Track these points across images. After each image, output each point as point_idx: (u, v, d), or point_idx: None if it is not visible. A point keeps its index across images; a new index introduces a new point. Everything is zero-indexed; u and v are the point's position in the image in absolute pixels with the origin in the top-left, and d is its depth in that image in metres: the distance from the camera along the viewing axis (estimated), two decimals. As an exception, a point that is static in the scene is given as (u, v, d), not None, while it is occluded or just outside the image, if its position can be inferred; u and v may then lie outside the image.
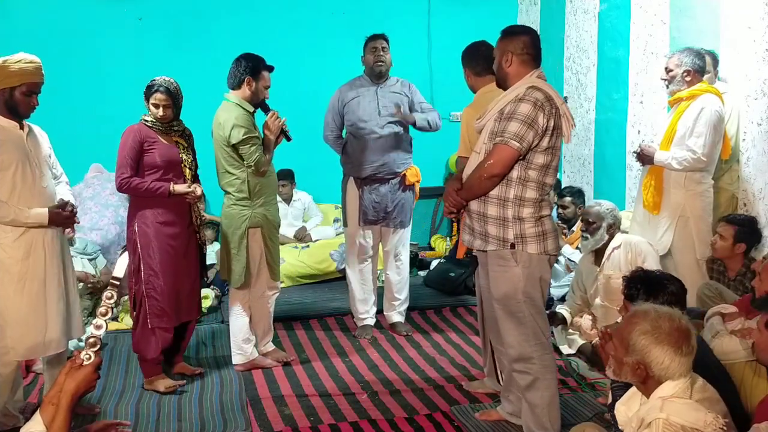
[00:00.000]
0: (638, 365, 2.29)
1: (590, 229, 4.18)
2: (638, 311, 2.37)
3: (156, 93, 3.78)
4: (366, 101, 4.60)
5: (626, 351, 2.32)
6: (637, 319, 2.33)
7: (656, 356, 2.25)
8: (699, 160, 4.05)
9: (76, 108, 6.11)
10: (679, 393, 2.25)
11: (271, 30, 6.43)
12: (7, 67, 3.19)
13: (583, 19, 6.11)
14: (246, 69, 3.97)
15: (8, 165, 3.21)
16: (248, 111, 3.99)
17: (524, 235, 3.03)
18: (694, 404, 2.21)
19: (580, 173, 6.29)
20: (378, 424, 3.55)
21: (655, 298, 2.91)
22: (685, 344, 2.26)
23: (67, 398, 2.06)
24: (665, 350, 2.25)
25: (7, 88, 3.21)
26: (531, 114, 2.93)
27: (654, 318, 2.30)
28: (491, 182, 3.02)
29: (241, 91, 3.99)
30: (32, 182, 3.28)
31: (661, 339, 2.25)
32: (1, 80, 3.19)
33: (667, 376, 2.26)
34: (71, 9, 6.07)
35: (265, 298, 4.24)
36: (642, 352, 2.27)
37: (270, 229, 4.13)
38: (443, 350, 4.55)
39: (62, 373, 2.11)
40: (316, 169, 6.37)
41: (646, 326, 2.29)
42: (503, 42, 3.11)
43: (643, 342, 2.27)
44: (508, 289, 3.09)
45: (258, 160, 3.92)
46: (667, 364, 2.25)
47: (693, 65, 4.12)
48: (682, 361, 2.25)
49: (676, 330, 2.27)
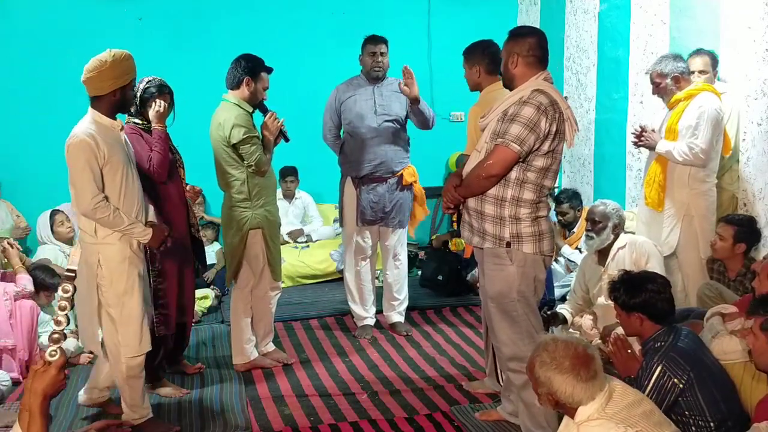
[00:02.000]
0: (548, 396, 2.35)
1: (596, 228, 4.19)
2: (540, 343, 2.42)
3: (166, 95, 3.76)
4: (363, 100, 4.59)
5: (536, 383, 2.38)
6: (538, 351, 2.38)
7: (558, 386, 2.30)
8: (697, 156, 4.06)
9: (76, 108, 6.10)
10: (594, 414, 2.29)
11: (271, 30, 6.43)
12: (118, 65, 3.16)
13: (583, 19, 6.11)
14: (245, 69, 3.96)
15: (117, 168, 3.18)
16: (247, 111, 3.99)
17: (520, 235, 3.05)
18: (606, 422, 2.26)
19: (580, 173, 6.29)
20: (378, 424, 3.55)
21: (634, 297, 2.93)
22: (584, 370, 2.29)
23: (37, 402, 2.03)
24: (565, 379, 2.29)
25: (118, 88, 3.19)
26: (533, 118, 2.94)
27: (552, 349, 2.34)
28: (489, 182, 3.04)
29: (240, 91, 3.98)
30: (133, 185, 3.27)
31: (561, 369, 2.30)
32: (116, 79, 3.17)
33: (576, 402, 2.31)
34: (71, 9, 6.07)
35: (267, 298, 4.24)
36: (546, 384, 2.33)
37: (271, 230, 4.12)
38: (443, 350, 4.55)
39: (29, 377, 2.08)
40: (316, 169, 6.38)
41: (545, 358, 2.34)
42: (510, 43, 3.13)
43: (544, 374, 2.33)
44: (502, 287, 3.11)
45: (259, 160, 3.91)
46: (570, 392, 2.29)
47: (677, 70, 4.14)
48: (585, 387, 2.29)
49: (572, 358, 2.30)
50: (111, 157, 3.14)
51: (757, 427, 2.47)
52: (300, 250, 6.14)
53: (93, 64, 3.16)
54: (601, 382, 2.32)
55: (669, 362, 2.78)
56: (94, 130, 3.14)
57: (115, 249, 3.21)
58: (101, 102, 3.21)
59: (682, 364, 2.77)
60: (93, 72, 3.15)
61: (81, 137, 3.10)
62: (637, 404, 2.33)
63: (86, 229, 3.21)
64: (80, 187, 3.11)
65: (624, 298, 2.97)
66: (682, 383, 2.75)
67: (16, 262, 4.39)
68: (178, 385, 3.97)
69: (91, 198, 3.10)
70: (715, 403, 2.76)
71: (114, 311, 3.24)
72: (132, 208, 3.24)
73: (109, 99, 3.20)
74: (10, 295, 4.12)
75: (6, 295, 4.11)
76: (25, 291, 4.21)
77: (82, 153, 3.09)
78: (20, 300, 4.17)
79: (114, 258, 3.21)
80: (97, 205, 3.10)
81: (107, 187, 3.16)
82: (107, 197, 3.15)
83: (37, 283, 4.33)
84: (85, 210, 3.13)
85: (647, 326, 2.93)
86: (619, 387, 2.37)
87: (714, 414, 2.75)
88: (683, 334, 2.91)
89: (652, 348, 2.89)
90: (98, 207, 3.11)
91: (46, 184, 5.99)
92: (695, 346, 2.89)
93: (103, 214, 3.12)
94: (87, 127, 3.15)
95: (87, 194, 3.10)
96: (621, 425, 2.23)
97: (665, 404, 2.75)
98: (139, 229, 3.24)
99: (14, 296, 4.14)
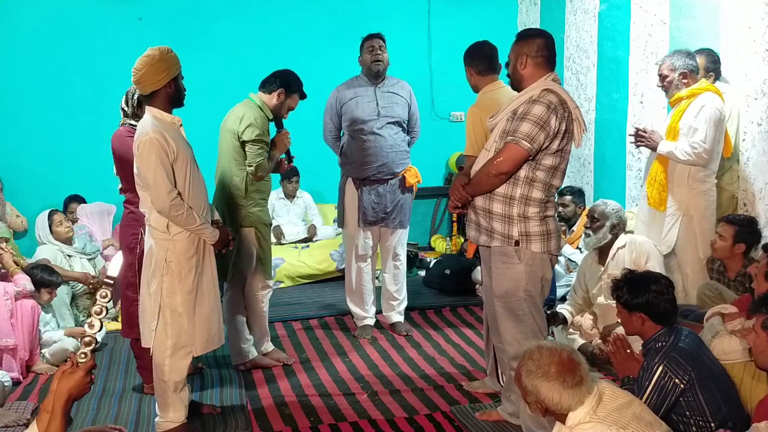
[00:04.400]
0: (537, 403, 2.36)
1: (593, 226, 4.20)
2: (525, 352, 2.43)
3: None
4: (365, 101, 4.59)
5: (524, 392, 2.39)
6: (524, 360, 2.39)
7: (545, 394, 2.31)
8: (700, 156, 4.06)
9: (76, 108, 6.12)
10: (585, 418, 2.29)
11: (271, 30, 6.44)
12: (167, 57, 3.16)
13: (583, 19, 6.11)
14: (285, 82, 4.02)
15: (184, 164, 3.19)
16: (267, 116, 4.01)
17: (529, 233, 3.06)
18: (598, 425, 2.26)
19: (580, 173, 6.30)
20: (378, 424, 3.55)
21: (637, 296, 2.93)
22: (570, 376, 2.30)
23: (61, 402, 2.03)
24: (552, 386, 2.30)
25: (171, 80, 3.19)
26: (543, 116, 2.96)
27: (537, 357, 2.35)
28: (498, 179, 3.05)
29: (269, 97, 4.02)
30: (199, 180, 3.29)
31: (547, 376, 2.31)
32: (169, 70, 3.17)
33: (564, 408, 2.31)
34: (71, 9, 6.07)
35: (259, 297, 4.24)
36: (534, 392, 2.34)
37: (263, 229, 4.13)
38: (443, 350, 4.55)
39: (55, 377, 2.09)
40: (316, 169, 6.38)
41: (530, 366, 2.35)
42: (518, 45, 3.14)
43: (531, 382, 2.34)
44: (510, 285, 3.11)
45: (261, 164, 3.91)
46: (558, 399, 2.30)
47: (687, 66, 4.14)
48: (572, 393, 2.29)
49: (557, 365, 2.31)
50: (179, 153, 3.16)
51: (757, 427, 2.48)
52: (300, 250, 6.14)
53: (143, 60, 3.16)
54: (588, 386, 2.32)
55: (670, 363, 2.78)
56: (159, 126, 3.14)
57: (185, 245, 3.23)
58: (157, 98, 3.21)
59: (684, 364, 2.77)
60: (145, 67, 3.14)
61: (150, 135, 3.10)
62: (627, 406, 2.34)
63: (158, 226, 3.21)
64: (155, 185, 3.11)
65: (627, 298, 2.97)
66: (684, 383, 2.75)
67: (10, 264, 4.39)
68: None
69: (167, 194, 3.11)
70: (716, 404, 2.76)
71: (182, 308, 3.25)
72: (199, 203, 3.26)
73: (165, 92, 3.20)
74: (10, 295, 4.12)
75: (6, 294, 4.11)
76: (26, 290, 4.21)
77: (154, 150, 3.09)
78: (21, 300, 4.17)
79: (184, 254, 3.22)
80: (173, 202, 3.12)
81: (177, 184, 3.17)
82: (180, 194, 3.16)
83: (36, 282, 4.33)
84: (161, 207, 3.13)
85: (648, 326, 2.93)
86: (608, 389, 2.38)
87: (715, 414, 2.75)
88: (684, 334, 2.91)
89: (653, 348, 2.89)
90: (173, 204, 3.12)
91: (47, 184, 6.00)
92: (696, 346, 2.89)
93: (177, 211, 3.13)
94: (153, 124, 3.14)
95: (162, 192, 3.11)
96: (613, 427, 2.24)
97: (666, 405, 2.76)
98: (209, 230, 3.27)
99: (15, 296, 4.14)
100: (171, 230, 3.20)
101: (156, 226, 3.22)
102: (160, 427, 3.38)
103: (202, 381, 4.08)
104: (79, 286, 4.90)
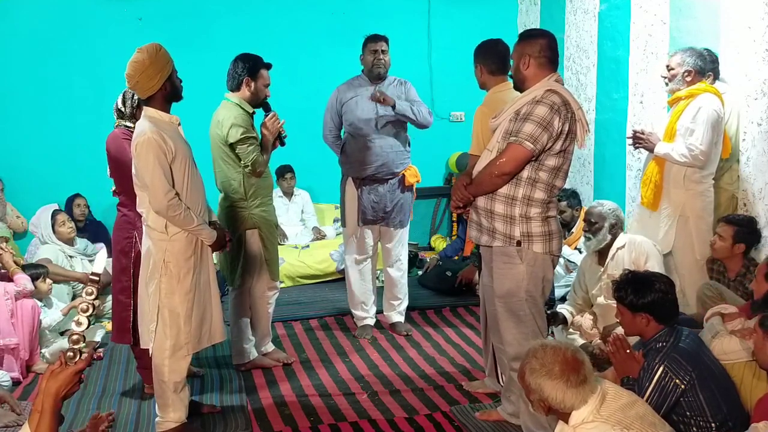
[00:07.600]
0: (540, 402, 2.35)
1: (592, 229, 4.19)
2: (529, 350, 2.43)
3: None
4: (364, 101, 4.59)
5: (527, 390, 2.39)
6: (528, 358, 2.39)
7: (549, 392, 2.31)
8: (697, 158, 4.06)
9: (76, 108, 6.11)
10: (589, 417, 2.29)
11: (271, 30, 6.43)
12: (157, 59, 3.12)
13: (583, 19, 6.11)
14: (244, 70, 3.95)
15: (182, 163, 3.19)
16: (247, 112, 3.98)
17: (531, 234, 3.07)
18: (602, 424, 2.26)
19: (580, 173, 6.29)
20: (378, 424, 3.55)
21: (643, 297, 2.91)
22: (574, 375, 2.30)
23: (50, 402, 2.02)
24: (555, 385, 2.30)
25: (166, 80, 3.17)
26: (547, 117, 2.96)
27: (541, 356, 2.35)
28: (501, 180, 3.06)
29: (241, 92, 3.98)
30: (197, 180, 3.29)
31: (551, 375, 2.31)
32: (161, 72, 3.14)
33: (568, 407, 2.31)
34: (71, 9, 6.07)
35: (265, 298, 4.24)
36: (537, 391, 2.34)
37: (268, 229, 4.12)
38: (443, 350, 4.55)
39: (44, 377, 2.08)
40: (315, 168, 6.38)
41: (534, 364, 2.35)
42: (521, 45, 3.14)
43: (534, 381, 2.34)
44: (511, 286, 3.12)
45: (255, 160, 3.90)
46: (561, 398, 2.30)
47: (695, 65, 4.14)
48: (575, 392, 2.29)
49: (561, 363, 2.31)
50: (177, 152, 3.15)
51: (756, 427, 2.47)
52: (300, 250, 6.14)
53: (133, 67, 3.12)
54: (592, 385, 2.32)
55: (671, 363, 2.78)
56: (157, 127, 3.13)
57: (183, 245, 3.23)
58: (154, 99, 3.19)
59: (684, 364, 2.77)
60: (137, 75, 3.11)
61: (148, 135, 3.09)
62: (631, 405, 2.34)
63: (156, 226, 3.21)
64: (153, 185, 3.11)
65: (632, 298, 2.94)
66: (684, 384, 2.75)
67: (10, 264, 4.39)
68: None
69: (164, 195, 3.10)
70: (717, 404, 2.76)
71: (180, 309, 3.25)
72: (197, 203, 3.26)
73: (161, 94, 3.19)
74: (11, 295, 4.13)
75: (7, 294, 4.12)
76: (26, 290, 4.22)
77: (152, 150, 3.08)
78: (21, 300, 4.18)
79: (183, 254, 3.22)
80: (171, 202, 3.11)
81: (175, 184, 3.17)
82: (178, 194, 3.16)
83: (32, 278, 4.36)
84: (159, 207, 3.13)
85: (652, 326, 2.92)
86: (612, 389, 2.38)
87: (715, 414, 2.75)
88: (684, 334, 2.91)
89: (653, 348, 2.88)
90: (171, 204, 3.11)
91: (47, 184, 6.00)
92: (696, 346, 2.89)
93: (175, 212, 3.13)
94: (150, 124, 3.13)
95: (160, 192, 3.10)
96: (617, 427, 2.24)
97: (667, 405, 2.76)
98: (207, 231, 3.27)
99: (15, 296, 4.14)
100: (169, 231, 3.20)
101: (154, 227, 3.22)
102: (160, 427, 3.38)
103: (202, 381, 4.09)
104: (80, 286, 4.92)
